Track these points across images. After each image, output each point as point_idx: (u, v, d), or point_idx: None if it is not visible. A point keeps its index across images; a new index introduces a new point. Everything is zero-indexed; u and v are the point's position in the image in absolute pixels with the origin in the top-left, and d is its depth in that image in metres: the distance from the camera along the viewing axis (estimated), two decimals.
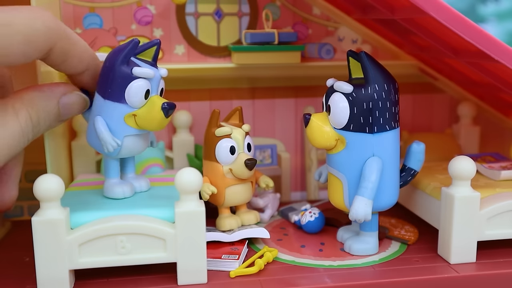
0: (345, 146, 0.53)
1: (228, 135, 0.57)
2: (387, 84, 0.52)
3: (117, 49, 0.49)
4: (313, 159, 0.74)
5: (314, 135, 0.53)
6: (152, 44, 0.50)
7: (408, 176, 0.56)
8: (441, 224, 0.55)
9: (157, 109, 0.49)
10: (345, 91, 0.52)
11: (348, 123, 0.52)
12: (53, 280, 0.47)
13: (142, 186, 0.55)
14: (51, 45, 0.43)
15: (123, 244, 0.48)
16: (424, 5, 0.46)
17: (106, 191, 0.53)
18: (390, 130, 0.53)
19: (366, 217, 0.52)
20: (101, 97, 0.49)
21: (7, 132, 0.41)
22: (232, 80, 0.72)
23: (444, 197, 0.54)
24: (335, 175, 0.55)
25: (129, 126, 0.50)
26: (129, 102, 0.49)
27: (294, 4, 0.71)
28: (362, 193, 0.52)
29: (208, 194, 0.56)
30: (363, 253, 0.56)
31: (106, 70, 0.49)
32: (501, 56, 0.47)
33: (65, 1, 0.65)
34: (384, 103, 0.51)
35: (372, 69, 0.51)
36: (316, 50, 0.70)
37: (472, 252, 0.54)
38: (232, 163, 0.57)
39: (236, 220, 0.59)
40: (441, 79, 0.75)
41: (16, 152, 0.43)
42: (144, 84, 0.49)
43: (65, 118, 0.48)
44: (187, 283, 0.49)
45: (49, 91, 0.46)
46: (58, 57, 0.45)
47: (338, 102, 0.52)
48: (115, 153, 0.51)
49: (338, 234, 0.60)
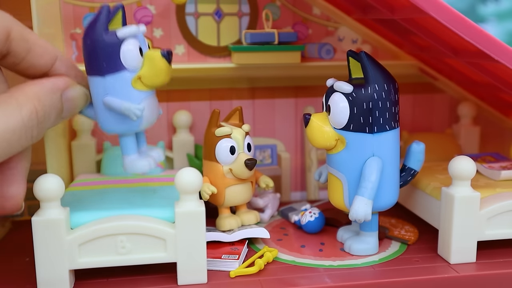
0: (345, 146, 0.53)
1: (228, 135, 0.57)
2: (387, 84, 0.52)
3: (90, 23, 0.47)
4: (313, 159, 0.74)
5: (314, 135, 0.53)
6: (116, 9, 0.48)
7: (408, 176, 0.56)
8: (441, 224, 0.55)
9: (158, 59, 0.48)
10: (345, 91, 0.52)
11: (348, 123, 0.52)
12: (53, 280, 0.47)
13: (160, 156, 0.53)
14: (7, 28, 0.41)
15: (123, 244, 0.48)
16: (424, 5, 0.46)
17: (131, 168, 0.51)
18: (390, 130, 0.53)
19: (366, 217, 0.52)
20: (99, 77, 0.47)
21: (7, 126, 0.39)
22: (232, 80, 0.72)
23: (444, 197, 0.54)
24: (335, 175, 0.55)
25: (140, 90, 0.48)
26: (128, 66, 0.48)
27: (294, 4, 0.71)
28: (362, 193, 0.52)
29: (208, 194, 0.56)
30: (363, 253, 0.56)
31: (92, 47, 0.47)
32: (501, 56, 0.47)
33: (65, 1, 0.65)
34: (384, 103, 0.51)
35: (372, 69, 0.51)
36: (316, 50, 0.70)
37: (472, 252, 0.54)
38: (232, 163, 0.57)
39: (236, 220, 0.59)
40: (441, 79, 0.75)
41: (17, 148, 0.41)
42: (135, 42, 0.48)
43: (66, 114, 0.46)
44: (187, 283, 0.49)
45: (51, 84, 0.44)
46: (20, 43, 0.43)
47: (338, 102, 0.52)
48: (139, 125, 0.49)
49: (338, 234, 0.60)
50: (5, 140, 0.39)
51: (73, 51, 0.67)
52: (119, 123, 0.49)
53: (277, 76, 0.73)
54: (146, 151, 0.53)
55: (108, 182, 0.60)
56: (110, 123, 0.49)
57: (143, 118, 0.49)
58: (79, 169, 0.67)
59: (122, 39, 0.47)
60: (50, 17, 0.60)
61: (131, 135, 0.51)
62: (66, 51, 0.67)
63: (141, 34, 0.49)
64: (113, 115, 0.48)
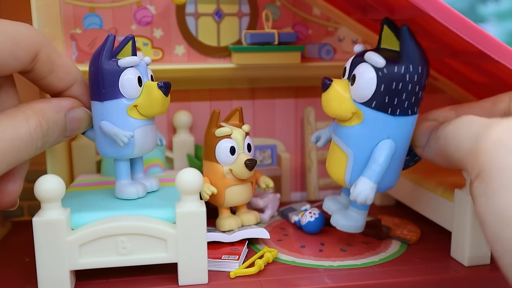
0: (361, 122, 0.49)
1: (228, 135, 0.57)
2: (422, 66, 0.48)
3: (96, 51, 0.50)
4: (313, 159, 0.74)
5: (330, 103, 0.49)
6: (126, 41, 0.51)
7: (411, 161, 0.53)
8: (455, 226, 0.54)
9: (155, 90, 0.50)
10: (377, 65, 0.47)
11: (371, 99, 0.48)
12: (54, 280, 0.47)
13: (153, 185, 0.55)
14: (36, 49, 0.44)
15: (124, 245, 0.48)
16: (424, 6, 0.46)
17: (119, 193, 0.53)
18: (411, 115, 0.49)
19: (367, 200, 0.49)
20: (98, 102, 0.50)
21: (16, 135, 0.42)
22: (232, 81, 0.72)
23: (458, 199, 0.54)
24: (340, 147, 0.51)
25: (135, 118, 0.50)
26: (126, 94, 0.50)
27: (294, 5, 0.71)
28: (369, 176, 0.49)
29: (208, 195, 0.56)
30: (350, 230, 0.53)
31: (94, 74, 0.49)
32: (501, 57, 0.47)
33: (65, 1, 0.65)
34: (413, 86, 0.47)
35: (411, 47, 0.47)
36: (316, 50, 0.70)
37: (486, 254, 0.53)
38: (232, 164, 0.57)
39: (236, 220, 0.59)
40: (441, 79, 0.75)
41: (24, 157, 0.43)
42: (134, 72, 0.50)
43: (70, 133, 0.49)
44: (187, 283, 0.49)
45: (57, 103, 0.47)
46: (45, 64, 0.45)
47: (365, 74, 0.47)
48: (130, 151, 0.51)
49: (325, 204, 0.56)
50: (15, 148, 0.42)
51: (73, 51, 0.67)
52: (112, 148, 0.51)
53: (277, 77, 0.73)
54: (141, 179, 0.55)
55: (109, 182, 0.60)
56: (105, 147, 0.51)
57: (134, 145, 0.51)
58: (79, 169, 0.67)
59: (123, 68, 0.49)
60: (50, 17, 0.60)
61: (125, 160, 0.53)
62: (66, 51, 0.67)
63: (144, 64, 0.51)
64: (107, 140, 0.51)
